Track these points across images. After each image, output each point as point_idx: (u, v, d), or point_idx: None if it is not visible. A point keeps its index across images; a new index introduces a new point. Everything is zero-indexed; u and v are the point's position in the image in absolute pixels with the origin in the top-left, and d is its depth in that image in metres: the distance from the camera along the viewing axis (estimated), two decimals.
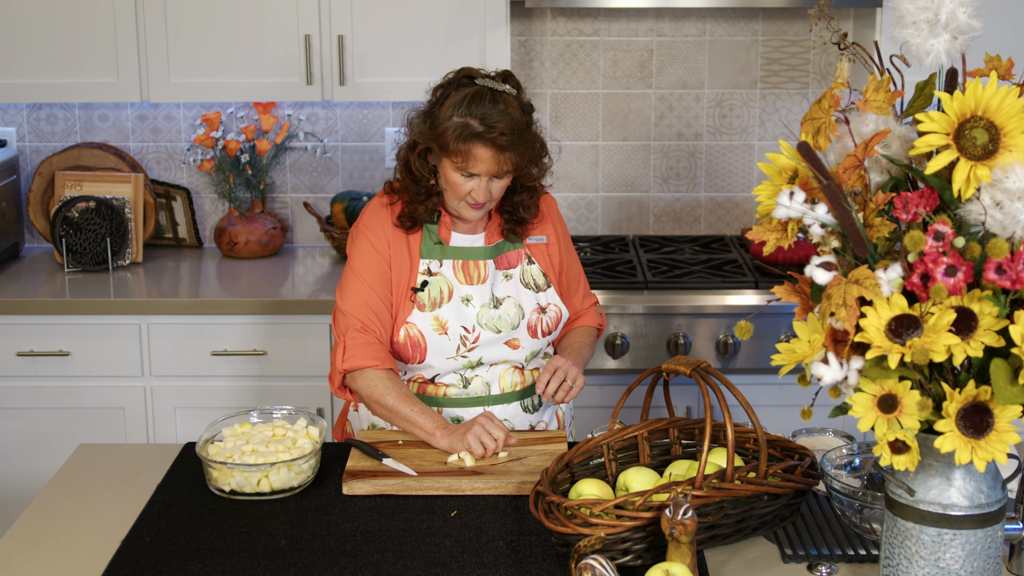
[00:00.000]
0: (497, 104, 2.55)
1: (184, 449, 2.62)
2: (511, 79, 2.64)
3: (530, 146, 2.61)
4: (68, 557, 2.20)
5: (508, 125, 2.54)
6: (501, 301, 2.69)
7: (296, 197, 4.18)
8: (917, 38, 1.79)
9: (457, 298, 2.67)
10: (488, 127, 2.53)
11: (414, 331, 2.65)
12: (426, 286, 2.66)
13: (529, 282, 2.73)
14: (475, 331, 2.66)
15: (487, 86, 2.58)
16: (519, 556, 2.16)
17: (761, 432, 2.17)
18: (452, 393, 2.70)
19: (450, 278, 2.68)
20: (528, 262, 2.75)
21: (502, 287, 2.71)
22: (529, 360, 2.75)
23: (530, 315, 2.71)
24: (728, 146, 4.15)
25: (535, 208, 2.75)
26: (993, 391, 1.68)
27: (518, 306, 2.70)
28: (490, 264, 2.71)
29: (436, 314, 2.66)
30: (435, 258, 2.69)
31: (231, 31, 3.73)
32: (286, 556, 2.17)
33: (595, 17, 4.06)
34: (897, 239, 1.81)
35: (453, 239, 2.71)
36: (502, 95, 2.57)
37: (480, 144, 2.53)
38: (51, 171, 4.03)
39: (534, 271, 2.75)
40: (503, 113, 2.54)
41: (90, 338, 3.61)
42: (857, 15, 3.90)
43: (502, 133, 2.53)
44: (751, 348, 3.58)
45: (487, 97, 2.55)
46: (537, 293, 2.73)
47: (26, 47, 3.73)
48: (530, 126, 2.62)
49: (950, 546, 1.83)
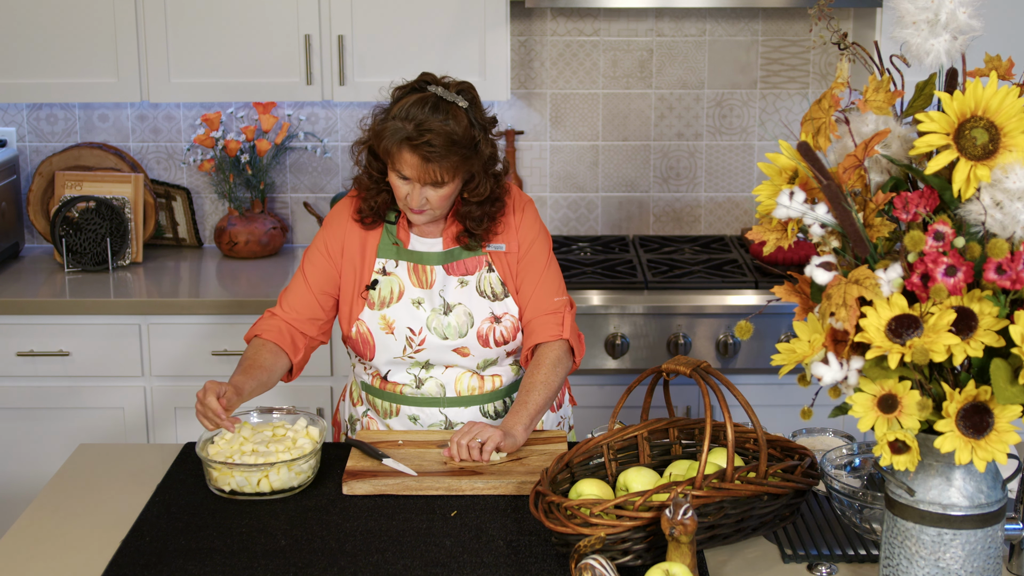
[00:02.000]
0: (438, 113, 2.52)
1: (184, 449, 2.62)
2: (468, 92, 2.60)
3: (466, 161, 2.55)
4: (68, 557, 2.20)
5: (441, 136, 2.50)
6: (452, 307, 2.68)
7: (296, 197, 4.18)
8: (917, 38, 1.79)
9: (407, 300, 2.68)
10: (419, 134, 2.50)
11: (363, 328, 2.69)
12: (376, 285, 2.69)
13: (485, 290, 2.70)
14: (421, 334, 2.67)
15: (436, 94, 2.55)
16: (519, 556, 2.16)
17: (761, 432, 2.17)
18: (407, 392, 2.72)
19: (403, 279, 2.69)
20: (488, 270, 2.71)
21: (455, 293, 2.69)
22: (484, 367, 2.72)
23: (480, 324, 2.67)
24: (728, 146, 4.15)
25: (487, 222, 2.67)
26: (993, 391, 1.68)
27: (468, 314, 2.67)
28: (438, 270, 2.70)
29: (384, 313, 2.68)
30: (391, 258, 2.71)
31: (231, 31, 3.73)
32: (286, 556, 2.17)
33: (595, 17, 4.06)
34: (897, 239, 1.81)
35: (412, 242, 2.71)
36: (450, 105, 2.54)
37: (408, 149, 2.51)
38: (51, 171, 4.03)
39: (492, 279, 2.70)
40: (440, 123, 2.50)
41: (90, 338, 3.62)
42: (857, 15, 3.90)
43: (429, 143, 2.49)
44: (751, 348, 3.58)
45: (430, 104, 2.53)
46: (493, 302, 2.70)
47: (26, 47, 3.74)
48: (475, 142, 2.56)
49: (950, 546, 1.83)
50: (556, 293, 2.73)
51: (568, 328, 2.71)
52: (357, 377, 2.83)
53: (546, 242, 2.76)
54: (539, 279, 2.72)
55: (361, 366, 2.78)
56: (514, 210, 2.74)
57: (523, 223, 2.73)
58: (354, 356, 2.79)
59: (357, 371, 2.81)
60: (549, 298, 2.72)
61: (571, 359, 2.73)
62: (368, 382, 2.77)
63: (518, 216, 2.74)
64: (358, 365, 2.79)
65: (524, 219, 2.74)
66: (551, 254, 2.77)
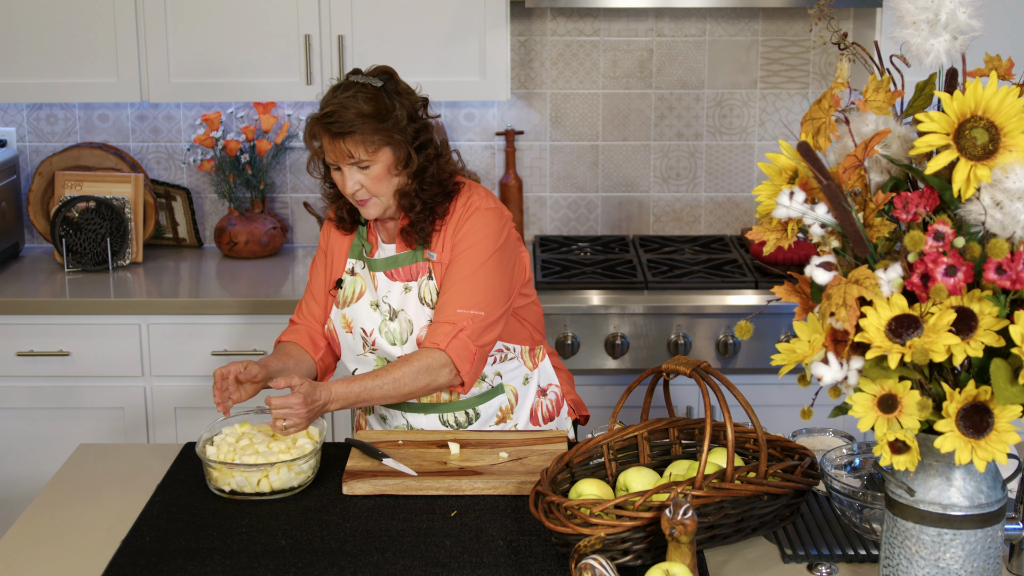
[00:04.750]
0: (346, 92, 2.55)
1: (184, 449, 2.62)
2: (384, 73, 2.63)
3: (380, 133, 2.53)
4: (68, 557, 2.20)
5: (347, 112, 2.52)
6: (396, 313, 2.70)
7: (296, 197, 4.18)
8: (917, 38, 1.79)
9: (366, 301, 2.73)
10: (324, 112, 2.55)
11: (331, 326, 2.78)
12: (341, 284, 2.76)
13: (425, 297, 2.68)
14: (372, 335, 2.71)
15: (348, 79, 2.60)
16: (519, 556, 2.16)
17: (761, 432, 2.17)
18: None
19: (367, 281, 2.74)
20: (428, 277, 2.68)
21: (398, 299, 2.70)
22: None
23: (420, 331, 2.67)
24: (728, 146, 4.15)
25: (420, 204, 2.61)
26: (993, 391, 1.68)
27: (408, 321, 2.68)
28: (380, 276, 2.71)
29: (344, 312, 2.75)
30: (359, 259, 2.76)
31: (231, 31, 3.73)
32: (286, 556, 2.17)
33: (595, 17, 4.06)
34: (897, 239, 1.81)
35: (379, 247, 2.74)
36: (359, 85, 2.57)
37: (321, 131, 2.57)
38: (51, 171, 4.03)
39: (431, 287, 2.67)
40: (349, 99, 2.53)
41: (90, 338, 3.61)
42: (857, 15, 3.90)
43: (331, 116, 2.52)
44: (751, 348, 3.58)
45: (340, 88, 2.58)
46: (432, 310, 2.68)
47: (26, 47, 3.74)
48: (391, 115, 2.54)
49: (950, 546, 1.83)
50: (465, 305, 2.59)
51: (455, 343, 2.56)
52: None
53: (485, 251, 2.63)
54: (454, 285, 2.61)
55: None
56: (458, 216, 2.66)
57: (463, 228, 2.64)
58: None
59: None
60: (453, 308, 2.59)
61: (450, 376, 2.58)
62: None
63: (459, 223, 2.65)
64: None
65: (466, 224, 2.64)
66: (487, 265, 2.63)
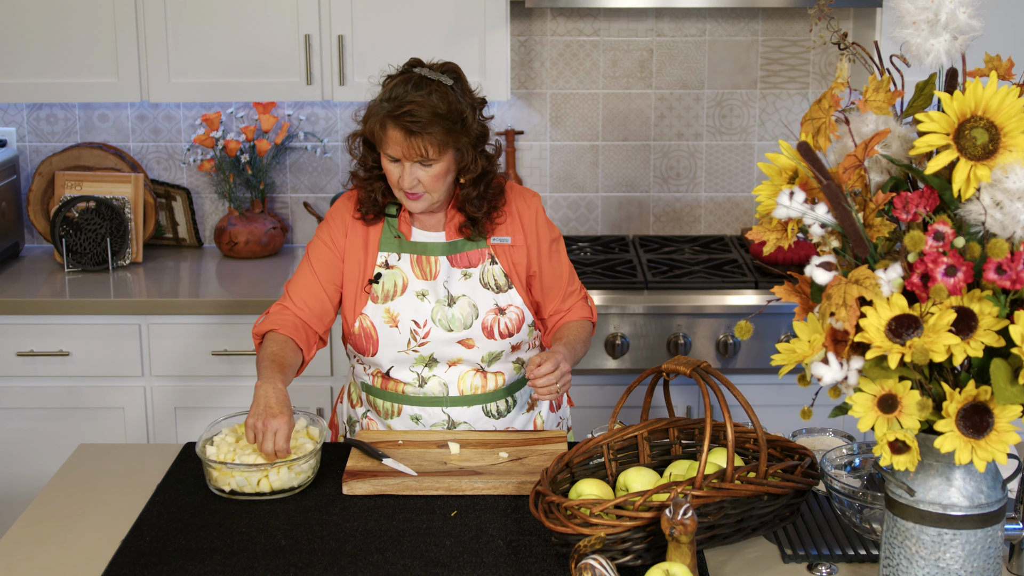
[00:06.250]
0: (420, 89, 2.54)
1: (184, 449, 2.62)
2: (452, 71, 2.62)
3: (452, 135, 2.55)
4: (68, 557, 2.20)
5: (424, 110, 2.51)
6: (456, 299, 2.68)
7: (296, 197, 4.18)
8: (917, 38, 1.79)
9: (411, 292, 2.68)
10: (399, 107, 2.52)
11: (367, 322, 2.68)
12: (379, 278, 2.69)
13: (489, 282, 2.70)
14: (426, 326, 2.67)
15: (419, 73, 2.58)
16: (519, 556, 2.16)
17: (761, 432, 2.17)
18: (409, 391, 2.72)
19: (406, 272, 2.69)
20: (491, 262, 2.71)
21: (459, 285, 2.69)
22: (489, 363, 2.72)
23: (485, 315, 2.68)
24: (728, 146, 4.15)
25: (486, 205, 2.68)
26: (993, 391, 1.69)
27: (473, 306, 2.68)
28: (443, 260, 2.70)
29: (388, 306, 2.68)
30: (393, 251, 2.71)
31: (231, 31, 3.73)
32: (286, 556, 2.17)
33: (595, 17, 4.06)
34: (897, 239, 1.81)
35: (414, 234, 2.71)
36: (432, 83, 2.56)
37: (391, 125, 2.54)
38: (51, 171, 4.03)
39: (496, 271, 2.70)
40: (423, 97, 2.52)
41: (90, 338, 3.62)
42: (857, 15, 3.90)
43: (411, 115, 2.51)
44: (751, 348, 3.58)
45: (412, 82, 2.56)
46: (497, 294, 2.70)
47: (26, 47, 3.74)
48: (461, 116, 2.57)
49: (950, 546, 1.83)
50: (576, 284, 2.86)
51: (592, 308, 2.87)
52: (357, 378, 2.83)
53: (557, 233, 2.82)
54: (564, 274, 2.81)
55: (361, 366, 2.77)
56: (519, 203, 2.74)
57: (530, 213, 2.75)
58: (354, 356, 2.78)
59: (357, 371, 2.81)
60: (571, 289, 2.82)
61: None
62: (369, 382, 2.77)
63: (530, 209, 2.75)
64: (358, 365, 2.79)
65: (530, 209, 2.75)
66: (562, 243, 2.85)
